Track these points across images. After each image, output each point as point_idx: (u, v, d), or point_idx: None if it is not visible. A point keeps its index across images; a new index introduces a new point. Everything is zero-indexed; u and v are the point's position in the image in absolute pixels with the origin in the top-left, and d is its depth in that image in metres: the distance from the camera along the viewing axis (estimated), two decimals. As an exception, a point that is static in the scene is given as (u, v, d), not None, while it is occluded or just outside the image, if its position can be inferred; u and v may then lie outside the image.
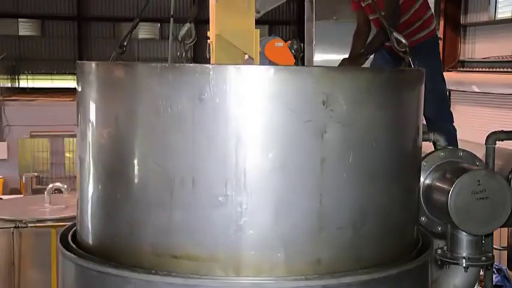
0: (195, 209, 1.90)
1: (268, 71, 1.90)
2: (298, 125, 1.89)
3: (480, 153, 3.36)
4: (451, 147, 3.29)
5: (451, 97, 13.65)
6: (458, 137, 4.58)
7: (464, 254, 2.92)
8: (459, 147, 3.67)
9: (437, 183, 3.11)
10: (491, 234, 3.23)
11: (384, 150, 2.05)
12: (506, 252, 4.61)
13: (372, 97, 2.00)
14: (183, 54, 2.02)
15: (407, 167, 2.19)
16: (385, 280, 2.02)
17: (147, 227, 1.99)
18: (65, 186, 6.80)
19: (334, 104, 1.90)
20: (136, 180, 2.01)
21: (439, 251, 3.02)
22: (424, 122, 4.52)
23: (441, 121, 4.47)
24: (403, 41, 2.37)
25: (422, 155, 3.15)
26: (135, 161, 2.01)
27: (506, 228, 3.98)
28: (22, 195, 12.23)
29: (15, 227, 5.65)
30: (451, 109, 4.56)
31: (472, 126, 11.97)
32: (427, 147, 3.62)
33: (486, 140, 3.43)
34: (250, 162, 1.88)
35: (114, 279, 1.99)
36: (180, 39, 2.05)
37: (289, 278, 1.91)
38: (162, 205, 1.94)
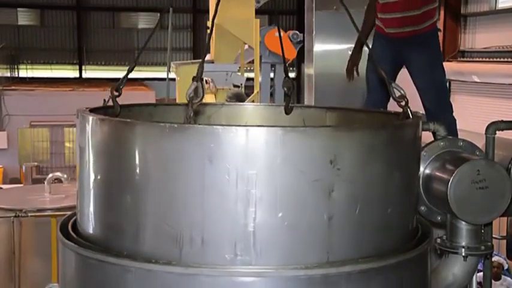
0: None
1: (276, 133, 1.92)
2: (306, 185, 1.93)
3: (480, 143, 3.36)
4: (450, 137, 3.29)
5: (451, 87, 13.65)
6: (458, 127, 4.59)
7: (463, 243, 2.93)
8: (459, 137, 3.67)
9: (436, 173, 3.11)
10: (491, 223, 3.24)
11: (387, 200, 2.11)
12: (505, 241, 4.62)
13: (376, 153, 2.05)
14: (191, 114, 2.00)
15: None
16: (385, 269, 2.03)
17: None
18: (65, 175, 6.82)
19: (341, 163, 1.94)
20: (144, 239, 2.02)
21: (439, 240, 3.02)
22: (424, 112, 4.53)
23: (441, 111, 4.48)
24: (402, 92, 2.37)
25: (422, 145, 3.15)
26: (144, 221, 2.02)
27: (505, 218, 3.99)
28: (22, 185, 12.26)
29: (15, 216, 5.66)
30: (451, 99, 4.57)
31: (472, 116, 11.97)
32: (427, 137, 3.62)
33: (486, 130, 3.43)
34: (259, 222, 1.92)
35: (114, 268, 2.00)
36: (187, 98, 2.03)
37: (289, 267, 1.91)
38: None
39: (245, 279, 1.90)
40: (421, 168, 3.18)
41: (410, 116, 2.35)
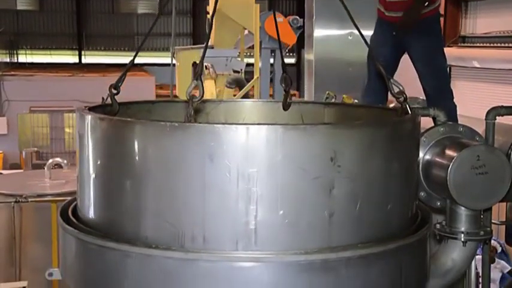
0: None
1: (277, 131, 1.93)
2: (307, 182, 1.93)
3: (480, 129, 3.36)
4: (450, 123, 3.28)
5: (452, 73, 13.61)
6: (458, 113, 4.58)
7: (462, 229, 2.93)
8: (459, 122, 3.66)
9: (436, 159, 3.11)
10: (490, 209, 3.24)
11: (387, 194, 2.13)
12: (504, 227, 4.63)
13: (376, 150, 2.06)
14: (191, 112, 1.99)
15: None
16: (384, 254, 2.03)
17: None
18: (65, 161, 6.82)
19: (341, 160, 1.94)
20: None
21: (438, 226, 3.03)
22: (424, 98, 4.52)
23: (441, 97, 4.47)
24: (400, 88, 2.36)
25: (422, 130, 3.14)
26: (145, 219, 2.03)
27: (504, 203, 4.00)
28: (22, 170, 12.27)
29: (15, 202, 5.67)
30: (452, 85, 4.56)
31: (472, 101, 11.96)
32: (426, 122, 3.62)
33: (486, 115, 3.43)
34: (260, 220, 1.92)
35: (114, 253, 2.00)
36: (187, 97, 2.02)
37: (289, 252, 1.92)
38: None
39: (245, 264, 1.91)
40: (421, 154, 3.18)
41: (409, 112, 2.34)
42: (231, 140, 1.91)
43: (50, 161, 6.63)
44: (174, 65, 9.01)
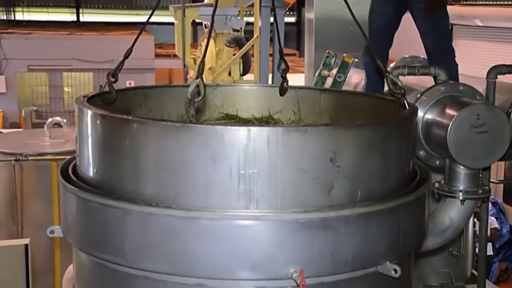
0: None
1: (277, 132, 1.94)
2: (306, 183, 1.95)
3: (481, 88, 3.34)
4: (451, 82, 3.27)
5: (453, 31, 13.48)
6: (459, 72, 4.55)
7: (461, 188, 2.95)
8: (460, 81, 3.64)
9: (436, 118, 3.11)
10: (489, 167, 3.26)
11: (383, 188, 2.14)
12: (502, 185, 4.66)
13: (375, 148, 2.08)
14: (193, 113, 1.98)
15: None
16: (383, 213, 2.05)
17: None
18: (64, 120, 6.81)
19: (340, 160, 1.96)
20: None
21: (437, 185, 3.05)
22: (426, 57, 4.49)
23: (442, 56, 4.42)
24: (399, 83, 2.33)
25: (422, 90, 3.13)
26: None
27: (503, 162, 4.01)
28: (22, 129, 12.27)
29: (16, 160, 5.68)
30: (453, 44, 4.51)
31: (473, 60, 11.88)
32: (427, 81, 3.60)
33: (487, 74, 3.41)
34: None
35: (115, 211, 2.01)
36: (189, 97, 2.01)
37: (289, 211, 1.93)
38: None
39: (245, 222, 1.92)
40: (421, 113, 3.17)
41: (407, 107, 2.33)
42: (232, 141, 1.92)
43: (50, 120, 6.62)
44: (171, 23, 8.90)
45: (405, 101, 2.35)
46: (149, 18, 2.60)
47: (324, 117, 2.94)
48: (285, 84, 2.93)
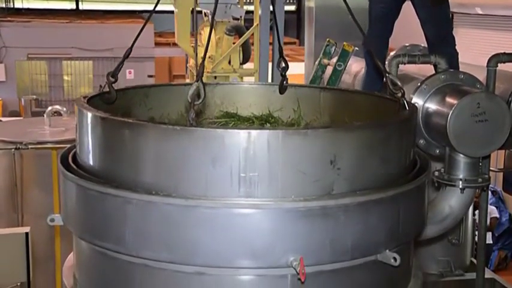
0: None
1: (277, 135, 1.93)
2: (307, 185, 1.95)
3: (482, 77, 3.34)
4: (451, 70, 3.26)
5: (454, 20, 13.43)
6: (460, 60, 4.54)
7: (461, 176, 2.95)
8: (460, 70, 3.63)
9: (436, 106, 3.11)
10: (489, 156, 3.26)
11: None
12: (502, 174, 4.66)
13: (375, 150, 2.08)
14: (193, 116, 1.98)
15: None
16: (383, 201, 2.05)
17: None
18: (64, 109, 6.80)
19: (340, 162, 1.97)
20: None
21: (436, 173, 3.05)
22: (426, 45, 4.48)
23: (443, 44, 4.42)
24: (398, 83, 2.32)
25: (423, 78, 3.12)
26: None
27: (503, 151, 4.01)
28: (22, 118, 12.26)
29: (15, 149, 5.68)
30: (454, 32, 4.50)
31: (474, 49, 11.85)
32: (428, 70, 3.60)
33: (488, 62, 3.40)
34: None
35: (115, 199, 2.02)
36: (189, 100, 2.00)
37: (288, 199, 1.94)
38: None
39: (244, 211, 1.93)
40: (421, 102, 3.17)
41: (407, 107, 2.32)
42: (232, 144, 1.92)
43: (49, 108, 6.61)
44: (171, 11, 8.87)
45: (405, 101, 2.34)
46: (153, 10, 2.58)
47: (323, 116, 2.94)
48: (284, 82, 2.93)
